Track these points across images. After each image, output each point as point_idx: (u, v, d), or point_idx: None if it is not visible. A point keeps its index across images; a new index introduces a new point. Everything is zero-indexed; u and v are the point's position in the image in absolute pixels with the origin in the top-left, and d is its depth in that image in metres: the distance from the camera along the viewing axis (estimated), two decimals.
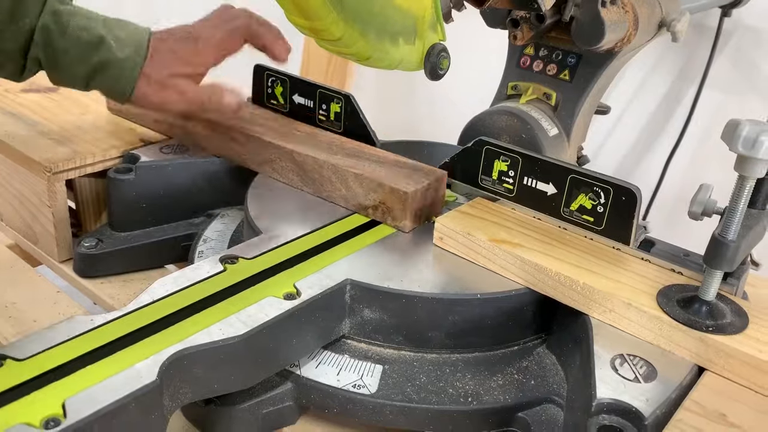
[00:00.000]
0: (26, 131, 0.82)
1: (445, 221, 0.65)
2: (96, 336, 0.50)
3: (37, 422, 0.42)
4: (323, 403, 0.57)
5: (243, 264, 0.60)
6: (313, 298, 0.56)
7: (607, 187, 0.62)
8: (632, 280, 0.59)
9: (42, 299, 0.71)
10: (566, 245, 0.63)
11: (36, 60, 0.67)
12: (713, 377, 0.53)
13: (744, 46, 1.15)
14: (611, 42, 0.75)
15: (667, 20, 0.81)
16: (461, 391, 0.57)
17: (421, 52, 0.57)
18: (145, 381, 0.46)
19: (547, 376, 0.59)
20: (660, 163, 1.20)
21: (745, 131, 0.48)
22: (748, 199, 0.52)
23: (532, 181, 0.67)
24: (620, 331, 0.56)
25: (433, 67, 0.57)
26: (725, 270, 0.54)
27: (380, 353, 0.60)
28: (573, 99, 0.81)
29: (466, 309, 0.59)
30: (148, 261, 0.77)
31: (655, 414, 0.48)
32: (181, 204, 0.79)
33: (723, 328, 0.54)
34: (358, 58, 0.54)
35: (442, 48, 0.58)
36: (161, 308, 0.54)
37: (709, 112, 1.17)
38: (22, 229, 0.81)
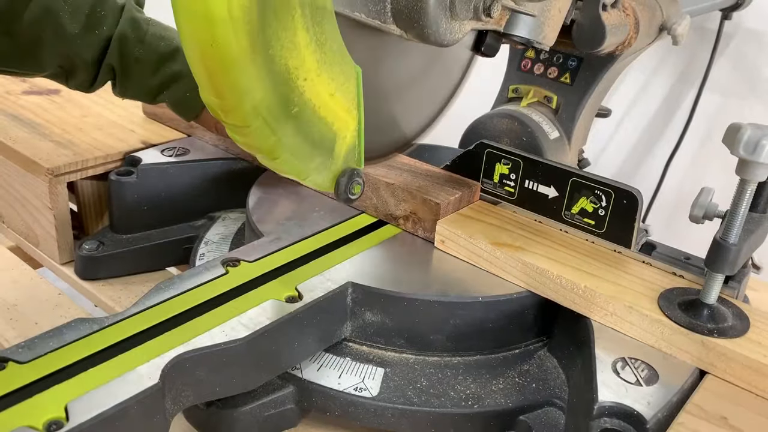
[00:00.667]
0: (28, 133, 0.82)
1: (447, 224, 0.65)
2: (98, 339, 0.50)
3: (39, 425, 0.42)
4: (325, 406, 0.57)
5: (245, 267, 0.60)
6: (314, 301, 0.56)
7: (608, 190, 0.62)
8: (633, 284, 0.59)
9: (43, 302, 0.71)
10: (568, 248, 0.64)
11: (109, 69, 0.66)
12: (714, 380, 0.53)
13: (744, 49, 1.15)
14: (612, 45, 0.75)
15: (668, 23, 0.81)
16: (463, 395, 0.57)
17: (334, 173, 0.54)
18: (147, 384, 0.46)
19: (549, 380, 0.59)
20: (660, 166, 1.20)
21: (746, 135, 0.48)
22: (749, 202, 0.52)
23: (534, 184, 0.67)
24: (622, 334, 0.57)
25: (343, 189, 0.54)
26: (726, 273, 0.54)
27: (382, 356, 0.60)
28: (574, 102, 0.81)
29: (468, 312, 0.59)
30: (149, 263, 0.77)
31: (657, 417, 0.48)
32: (183, 206, 0.79)
33: (724, 332, 0.54)
34: (265, 156, 0.50)
35: (358, 173, 0.55)
36: (163, 311, 0.54)
37: (710, 115, 1.17)
38: (23, 231, 0.81)
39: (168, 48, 0.66)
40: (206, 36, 0.43)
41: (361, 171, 0.55)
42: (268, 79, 0.46)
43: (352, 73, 0.52)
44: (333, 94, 0.51)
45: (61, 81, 0.70)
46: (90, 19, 0.64)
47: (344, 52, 0.51)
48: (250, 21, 0.43)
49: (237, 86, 0.45)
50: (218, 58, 0.44)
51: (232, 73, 0.44)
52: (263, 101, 0.46)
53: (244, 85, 0.45)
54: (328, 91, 0.50)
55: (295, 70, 0.48)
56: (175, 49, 0.65)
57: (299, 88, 0.48)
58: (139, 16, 0.66)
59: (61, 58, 0.66)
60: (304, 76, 0.48)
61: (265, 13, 0.44)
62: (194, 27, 0.43)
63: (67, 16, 0.63)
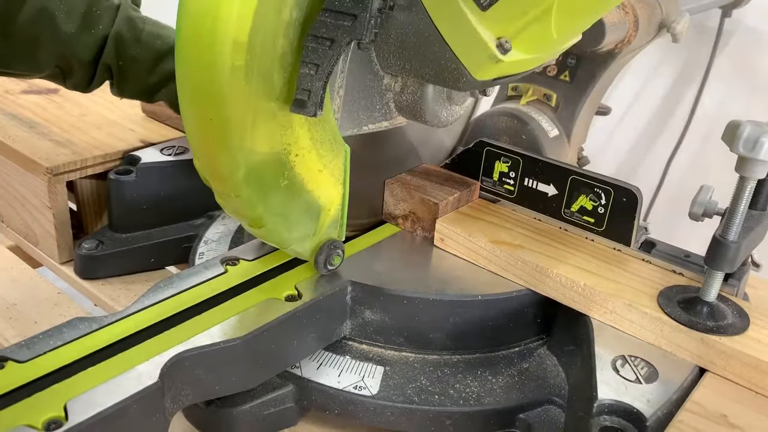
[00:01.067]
0: (27, 132, 0.82)
1: (446, 222, 0.65)
2: (97, 338, 0.50)
3: (38, 424, 0.42)
4: (324, 405, 0.57)
5: (244, 266, 0.60)
6: (314, 300, 0.56)
7: (607, 188, 0.62)
8: (633, 282, 0.59)
9: (43, 301, 0.71)
10: (567, 246, 0.63)
11: (106, 68, 0.66)
12: (714, 378, 0.53)
13: (744, 47, 1.15)
14: (611, 43, 0.75)
15: (668, 21, 0.81)
16: (462, 393, 0.57)
17: (316, 243, 0.56)
18: (147, 383, 0.46)
19: (548, 378, 0.59)
20: (661, 164, 1.20)
21: (746, 132, 0.48)
22: (749, 200, 0.52)
23: (533, 182, 0.67)
24: (621, 332, 0.57)
25: (323, 260, 0.57)
26: (726, 271, 0.54)
27: (381, 354, 0.60)
28: (573, 100, 0.81)
29: (467, 310, 0.59)
30: (148, 262, 0.77)
31: (657, 415, 0.48)
32: (182, 205, 0.79)
33: (724, 329, 0.54)
34: (250, 224, 0.52)
35: (338, 245, 0.58)
36: (162, 310, 0.54)
37: (710, 113, 1.17)
38: (22, 230, 0.81)
39: (165, 46, 0.66)
40: (207, 112, 0.45)
41: (341, 243, 0.58)
42: (262, 154, 0.48)
43: (340, 150, 0.54)
44: (321, 170, 0.53)
45: (59, 81, 0.70)
46: (86, 18, 0.63)
47: (335, 131, 0.53)
48: (250, 101, 0.45)
49: (231, 159, 0.47)
50: (216, 134, 0.45)
51: (228, 147, 0.46)
52: (254, 174, 0.48)
53: (238, 158, 0.47)
54: (317, 167, 0.53)
55: (288, 146, 0.50)
56: (171, 47, 0.65)
57: (290, 163, 0.51)
58: (135, 15, 0.66)
59: (58, 58, 0.66)
60: (296, 152, 0.51)
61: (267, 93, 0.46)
62: (196, 103, 0.45)
63: (62, 16, 0.63)
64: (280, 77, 0.46)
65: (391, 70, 0.55)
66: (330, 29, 0.45)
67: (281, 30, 0.45)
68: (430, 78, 0.53)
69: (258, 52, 0.44)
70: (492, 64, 0.48)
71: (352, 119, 0.57)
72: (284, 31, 0.45)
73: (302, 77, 0.46)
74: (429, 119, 0.60)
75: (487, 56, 0.48)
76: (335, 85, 0.54)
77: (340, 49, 0.45)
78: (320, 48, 0.45)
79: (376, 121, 0.59)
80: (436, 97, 0.59)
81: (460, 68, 0.49)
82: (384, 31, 0.51)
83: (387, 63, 0.54)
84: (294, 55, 0.47)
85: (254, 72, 0.44)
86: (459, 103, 0.61)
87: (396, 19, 0.50)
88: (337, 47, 0.45)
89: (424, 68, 0.52)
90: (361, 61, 0.55)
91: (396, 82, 0.58)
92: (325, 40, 0.45)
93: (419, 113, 0.59)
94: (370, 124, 0.59)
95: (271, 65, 0.46)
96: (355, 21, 0.45)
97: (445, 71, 0.50)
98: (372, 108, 0.58)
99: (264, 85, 0.46)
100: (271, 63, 0.46)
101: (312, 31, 0.45)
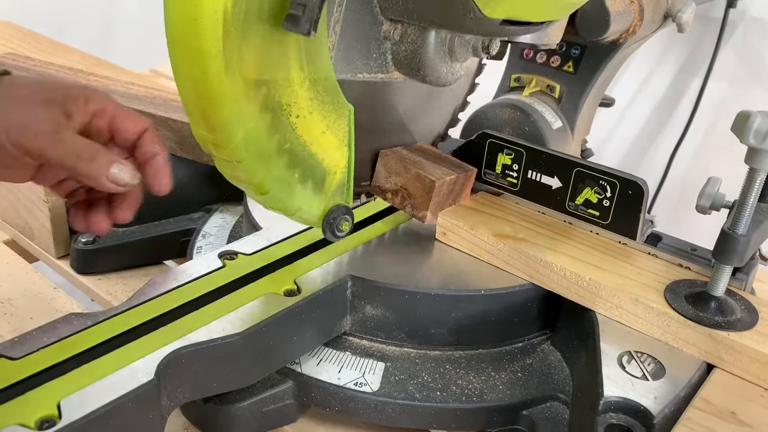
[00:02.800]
0: None
1: (448, 216, 0.64)
2: (92, 334, 0.49)
3: (31, 423, 0.41)
4: (324, 401, 0.56)
5: (242, 260, 0.59)
6: (313, 295, 0.55)
7: (613, 181, 0.61)
8: (639, 276, 0.58)
9: (38, 296, 0.70)
10: (571, 240, 0.62)
11: None
12: (722, 374, 0.52)
13: (749, 37, 1.14)
14: (616, 33, 0.74)
15: (673, 11, 0.80)
16: (465, 389, 0.56)
17: (323, 208, 0.54)
18: (143, 380, 0.45)
19: (553, 374, 0.58)
20: (665, 155, 1.19)
21: (756, 123, 0.47)
22: (758, 192, 0.51)
23: (537, 174, 0.66)
24: (627, 327, 0.56)
25: (331, 226, 0.54)
26: (735, 265, 0.53)
27: (382, 350, 0.59)
28: (577, 91, 0.80)
29: (470, 305, 0.58)
30: (146, 257, 0.76)
31: (664, 412, 0.47)
32: (180, 199, 0.78)
33: (732, 325, 0.53)
34: (253, 190, 0.50)
35: (346, 210, 0.55)
36: (159, 305, 0.53)
37: (715, 104, 1.16)
38: (18, 224, 0.80)
39: None
40: (199, 71, 0.43)
41: (349, 208, 0.56)
42: (260, 115, 0.46)
43: (344, 111, 0.52)
44: (324, 132, 0.51)
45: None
46: None
47: (337, 91, 0.51)
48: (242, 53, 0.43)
49: (229, 121, 0.45)
50: (210, 93, 0.44)
51: (224, 107, 0.44)
52: (254, 137, 0.46)
53: (236, 120, 0.45)
54: (320, 128, 0.51)
55: (288, 107, 0.48)
56: None
57: (291, 125, 0.49)
58: None
59: None
60: (297, 113, 0.49)
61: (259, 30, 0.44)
62: (187, 62, 0.43)
63: None
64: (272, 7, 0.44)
65: (392, 12, 0.53)
66: None
67: None
68: (433, 15, 0.50)
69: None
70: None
71: (347, 62, 0.54)
72: None
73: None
74: (428, 73, 0.57)
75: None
76: (331, 20, 0.51)
77: None
78: None
79: (371, 71, 0.56)
80: (436, 48, 0.56)
81: (468, 1, 0.47)
82: None
83: (388, 2, 0.52)
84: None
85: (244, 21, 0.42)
86: (460, 59, 0.57)
87: None
88: None
89: (428, 3, 0.49)
90: (360, 1, 0.53)
91: (395, 29, 0.55)
92: None
93: (418, 67, 0.56)
94: (365, 72, 0.56)
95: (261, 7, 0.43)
96: None
97: (451, 6, 0.48)
98: (368, 55, 0.56)
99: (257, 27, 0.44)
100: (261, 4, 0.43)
101: None
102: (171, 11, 0.42)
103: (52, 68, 0.89)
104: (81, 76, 0.87)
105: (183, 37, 0.42)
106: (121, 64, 1.12)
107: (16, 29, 1.22)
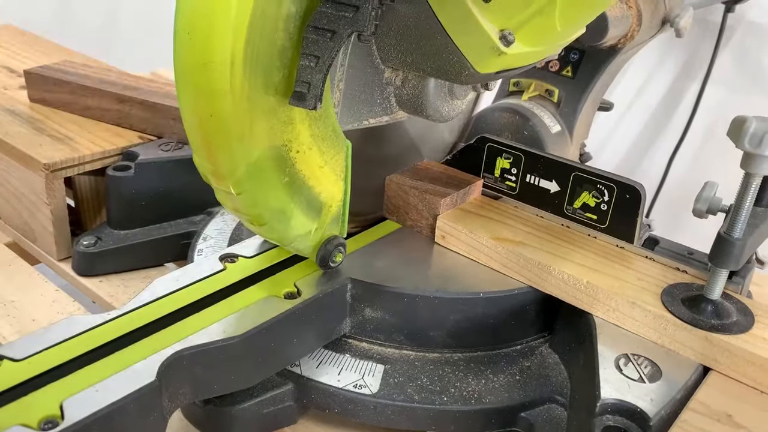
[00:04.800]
0: (25, 128, 0.82)
1: (447, 219, 0.65)
2: (94, 336, 0.49)
3: (34, 423, 0.42)
4: (324, 403, 0.56)
5: (243, 263, 0.60)
6: (313, 297, 0.55)
7: (610, 185, 0.61)
8: (636, 279, 0.58)
9: (40, 298, 0.70)
10: (569, 243, 0.63)
11: None
12: (719, 377, 0.52)
13: (748, 42, 1.14)
14: (614, 38, 0.75)
15: (671, 16, 0.80)
16: (463, 391, 0.56)
17: (318, 240, 0.55)
18: (144, 381, 0.45)
19: (550, 376, 0.58)
20: (663, 160, 1.19)
21: (752, 128, 0.47)
22: (754, 197, 0.51)
23: (535, 178, 0.66)
24: (624, 330, 0.56)
25: (325, 257, 0.56)
26: (731, 268, 0.54)
27: (382, 353, 0.59)
28: (575, 96, 0.80)
29: (469, 308, 0.59)
30: (147, 259, 0.76)
31: (660, 414, 0.48)
32: (181, 201, 0.78)
33: (728, 328, 0.53)
34: (251, 221, 0.52)
35: (340, 242, 0.57)
36: (160, 307, 0.53)
37: (713, 109, 1.16)
38: (20, 227, 0.81)
39: None
40: (206, 110, 0.44)
41: (343, 240, 0.57)
42: (262, 151, 0.47)
43: (341, 147, 0.54)
44: (322, 167, 0.53)
45: None
46: None
47: (336, 127, 0.53)
48: (250, 96, 0.44)
49: (231, 156, 0.46)
50: (216, 130, 0.45)
51: (228, 143, 0.45)
52: (255, 171, 0.47)
53: (239, 155, 0.46)
54: (318, 163, 0.52)
55: (289, 143, 0.49)
56: None
57: (291, 159, 0.50)
58: None
59: None
60: (297, 149, 0.50)
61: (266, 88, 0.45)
62: (195, 99, 0.44)
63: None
64: (279, 72, 0.46)
65: (392, 64, 0.55)
66: (331, 20, 0.44)
67: (281, 24, 0.44)
68: (431, 71, 0.52)
69: (257, 46, 0.43)
70: (495, 56, 0.48)
71: (352, 113, 0.56)
72: (284, 25, 0.45)
73: (302, 69, 0.45)
74: (430, 114, 0.59)
75: (490, 49, 0.47)
76: (335, 79, 0.53)
77: (341, 40, 0.44)
78: (321, 39, 0.44)
79: (376, 116, 0.59)
80: (437, 91, 0.58)
81: (463, 61, 0.48)
82: (385, 23, 0.50)
83: (388, 56, 0.53)
84: (294, 50, 0.46)
85: (253, 67, 0.44)
86: (460, 97, 0.60)
87: (398, 11, 0.49)
88: (338, 39, 0.44)
89: (425, 61, 0.51)
90: (361, 54, 0.54)
91: (397, 76, 0.57)
92: (326, 31, 0.44)
93: (420, 108, 0.59)
94: (370, 118, 0.58)
95: (270, 60, 0.45)
96: (356, 12, 0.44)
97: (448, 64, 0.49)
98: (372, 102, 0.58)
99: (263, 79, 0.45)
100: (271, 57, 0.45)
101: (312, 22, 0.45)
102: (180, 52, 0.43)
103: (112, 75, 0.90)
104: (141, 83, 0.88)
105: (192, 77, 0.43)
106: (122, 68, 1.13)
107: (18, 33, 1.22)
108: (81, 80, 0.86)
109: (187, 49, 0.43)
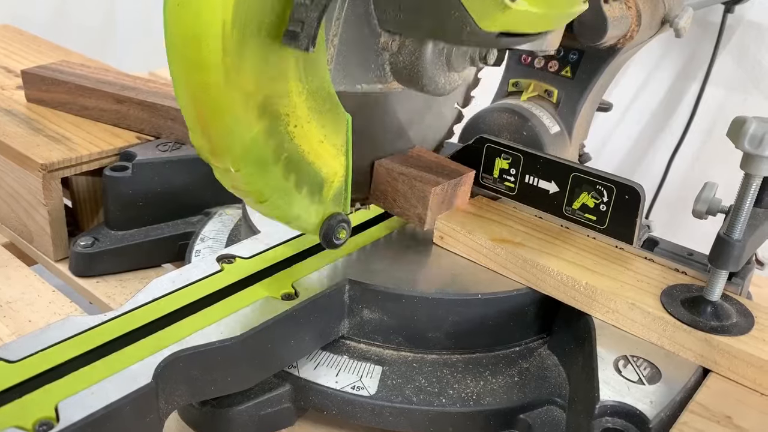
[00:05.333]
0: (21, 128, 0.81)
1: (446, 220, 0.64)
2: (90, 337, 0.49)
3: (29, 425, 0.41)
4: (322, 405, 0.56)
5: (240, 263, 0.59)
6: (311, 299, 0.55)
7: (610, 186, 0.61)
8: (635, 280, 0.58)
9: (37, 299, 0.70)
10: (568, 244, 0.63)
11: None
12: (718, 379, 0.52)
13: (747, 43, 1.14)
14: (614, 38, 0.74)
15: (670, 16, 0.80)
16: (462, 393, 0.56)
17: (321, 217, 0.54)
18: (140, 383, 0.45)
19: (549, 378, 0.58)
20: (663, 160, 1.19)
21: (751, 129, 0.47)
22: (754, 197, 0.51)
23: (534, 179, 0.66)
24: (623, 331, 0.56)
25: (328, 233, 0.54)
26: (731, 270, 0.54)
27: (380, 354, 0.59)
28: (575, 96, 0.80)
29: (467, 309, 0.58)
30: (144, 260, 0.76)
31: (660, 417, 0.47)
32: (178, 202, 0.78)
33: (728, 329, 0.53)
34: (252, 199, 0.50)
35: (344, 218, 0.55)
36: (157, 308, 0.53)
37: (713, 109, 1.16)
38: (17, 227, 0.80)
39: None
40: (199, 81, 0.43)
41: (347, 217, 0.56)
42: (259, 125, 0.46)
43: (341, 120, 0.52)
44: (322, 141, 0.51)
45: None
46: None
47: (335, 100, 0.51)
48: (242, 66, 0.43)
49: (228, 132, 0.45)
50: (210, 104, 0.44)
51: (223, 118, 0.44)
52: (252, 146, 0.46)
53: (235, 130, 0.45)
54: (317, 137, 0.51)
55: (286, 116, 0.48)
56: None
57: (289, 134, 0.49)
58: None
59: None
60: (295, 123, 0.49)
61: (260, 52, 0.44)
62: (187, 72, 0.43)
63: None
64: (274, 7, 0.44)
65: (389, 25, 0.53)
66: None
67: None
68: (430, 30, 0.50)
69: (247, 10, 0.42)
70: (499, 11, 0.46)
71: (345, 74, 0.55)
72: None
73: (296, 8, 0.43)
74: (426, 83, 0.57)
75: (495, 1, 0.46)
76: (330, 34, 0.51)
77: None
78: None
79: (370, 82, 0.57)
80: (434, 59, 0.56)
81: (464, 15, 0.47)
82: None
83: (385, 15, 0.52)
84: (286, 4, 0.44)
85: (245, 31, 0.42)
86: (458, 69, 0.58)
87: None
88: None
89: (425, 17, 0.49)
90: (357, 12, 0.53)
91: (393, 41, 0.55)
92: None
93: (416, 77, 0.56)
94: (363, 83, 0.56)
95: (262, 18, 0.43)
96: None
97: (448, 20, 0.48)
98: (366, 66, 0.56)
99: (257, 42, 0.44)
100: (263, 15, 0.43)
101: None
102: (170, 25, 0.42)
103: (109, 75, 0.90)
104: (139, 83, 0.88)
105: (182, 49, 0.42)
106: (119, 68, 1.12)
107: (16, 32, 1.22)
108: (78, 80, 0.86)
109: (177, 21, 0.42)
